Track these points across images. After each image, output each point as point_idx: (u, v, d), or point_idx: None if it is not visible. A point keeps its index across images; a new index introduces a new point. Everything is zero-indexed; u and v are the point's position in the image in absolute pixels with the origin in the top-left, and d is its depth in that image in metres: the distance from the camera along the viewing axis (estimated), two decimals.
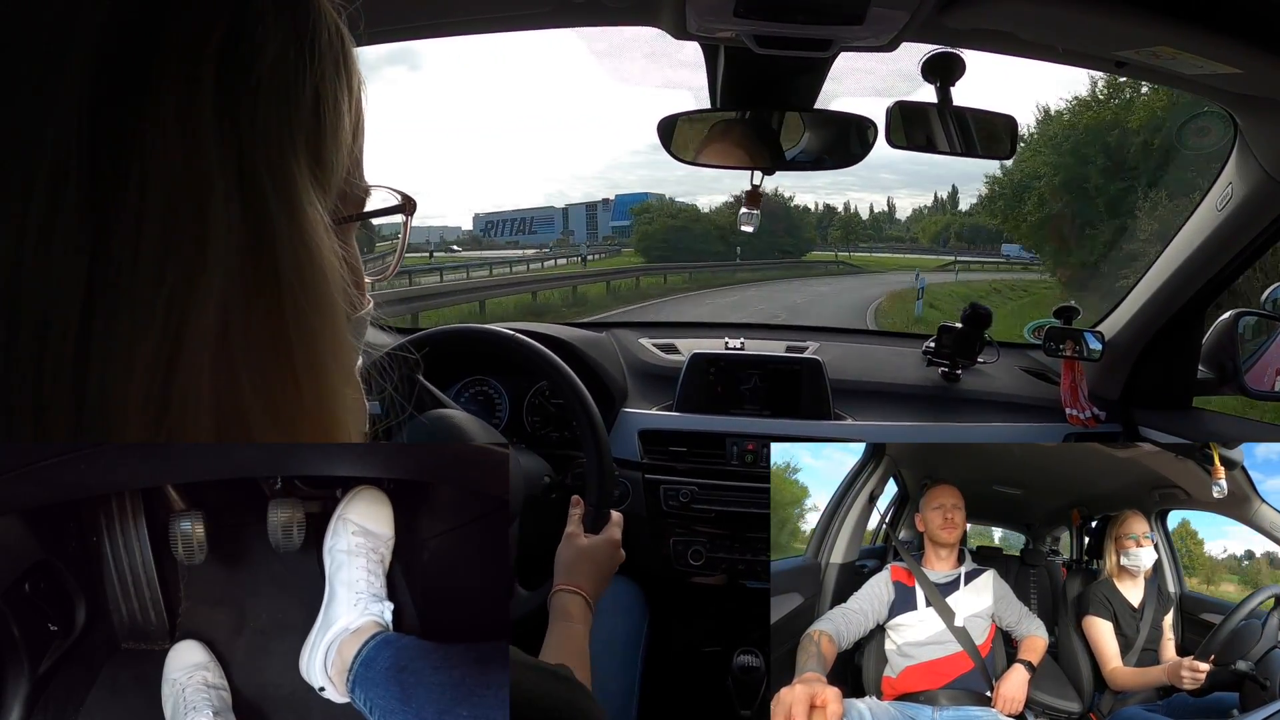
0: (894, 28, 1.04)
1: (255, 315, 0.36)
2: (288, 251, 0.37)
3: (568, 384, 1.31)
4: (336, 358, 0.41)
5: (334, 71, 0.42)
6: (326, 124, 0.41)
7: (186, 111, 0.34)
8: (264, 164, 0.37)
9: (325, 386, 0.40)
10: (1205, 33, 0.99)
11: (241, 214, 0.36)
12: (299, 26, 0.39)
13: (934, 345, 1.95)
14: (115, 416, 0.33)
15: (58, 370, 0.33)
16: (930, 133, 1.31)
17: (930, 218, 65.07)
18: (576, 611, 1.05)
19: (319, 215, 0.40)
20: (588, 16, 1.21)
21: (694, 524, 1.73)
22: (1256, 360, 1.62)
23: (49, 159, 0.33)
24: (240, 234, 0.35)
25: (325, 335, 0.40)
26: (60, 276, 0.32)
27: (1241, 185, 1.40)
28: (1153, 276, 1.67)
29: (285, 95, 0.38)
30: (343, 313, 0.42)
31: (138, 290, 0.33)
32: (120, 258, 0.33)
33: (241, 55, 0.36)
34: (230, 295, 0.35)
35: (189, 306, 0.34)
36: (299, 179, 0.39)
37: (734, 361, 1.84)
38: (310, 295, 0.38)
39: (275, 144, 0.38)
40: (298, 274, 0.38)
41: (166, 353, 0.34)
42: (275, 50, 0.38)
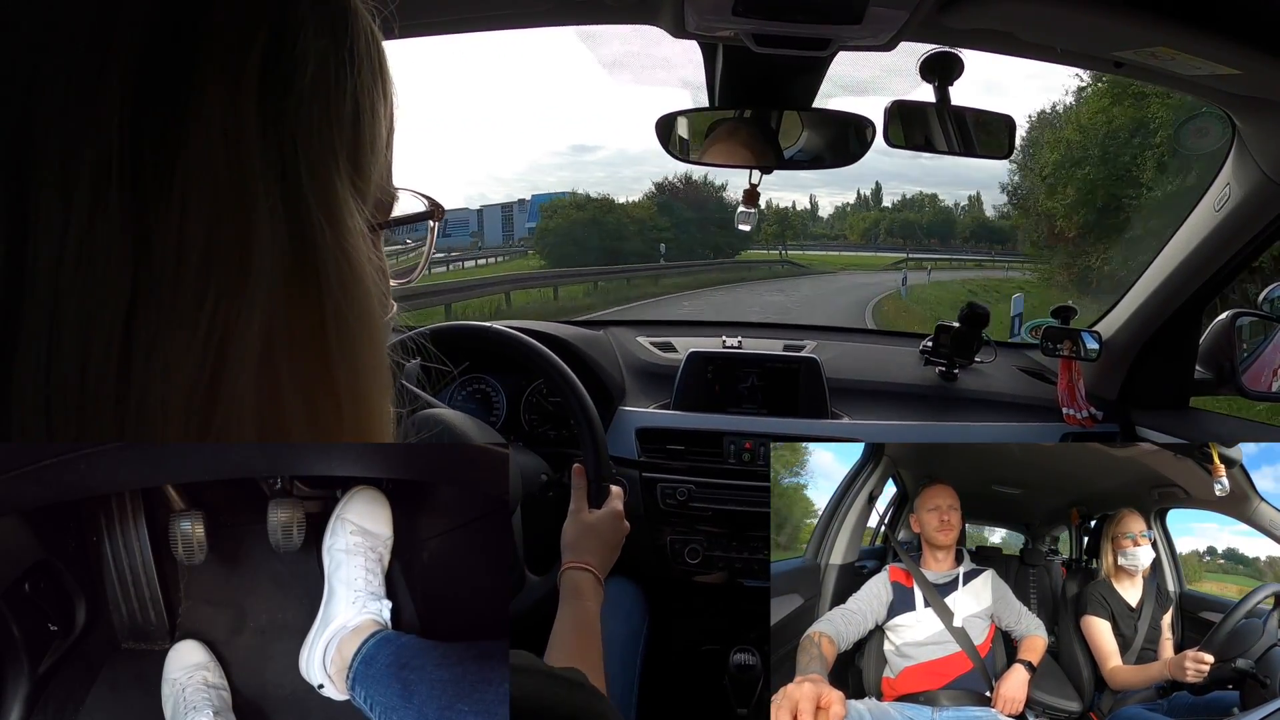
0: (893, 27, 1.04)
1: (298, 326, 0.36)
2: (330, 263, 0.37)
3: (560, 374, 1.31)
4: (375, 367, 0.41)
5: (372, 78, 0.41)
6: (365, 132, 0.41)
7: (230, 120, 0.34)
8: (306, 174, 0.36)
9: (365, 396, 0.40)
10: (1203, 34, 0.99)
11: (285, 225, 0.35)
12: (339, 34, 0.39)
13: (931, 344, 1.95)
14: (158, 427, 0.33)
15: (100, 381, 0.32)
16: (928, 132, 1.31)
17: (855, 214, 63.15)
18: (587, 588, 1.05)
19: (358, 225, 0.39)
20: (587, 14, 1.21)
21: (691, 522, 1.73)
22: (1254, 361, 1.62)
23: (90, 167, 0.32)
24: (283, 245, 0.35)
25: (365, 345, 0.39)
26: (102, 286, 0.32)
27: (1239, 186, 1.41)
28: (1150, 277, 1.68)
29: (327, 104, 0.38)
30: (382, 323, 0.42)
31: (181, 301, 0.33)
32: (163, 267, 0.33)
33: (284, 64, 0.36)
34: (274, 307, 0.35)
35: (232, 318, 0.34)
36: (340, 189, 0.38)
37: (732, 360, 1.84)
38: (352, 306, 0.38)
39: (317, 154, 0.37)
40: (340, 285, 0.37)
41: (210, 364, 0.33)
42: (317, 59, 0.37)
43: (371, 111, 0.41)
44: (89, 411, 0.33)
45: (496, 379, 1.82)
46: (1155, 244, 1.67)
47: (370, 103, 0.41)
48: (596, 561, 1.10)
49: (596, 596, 1.06)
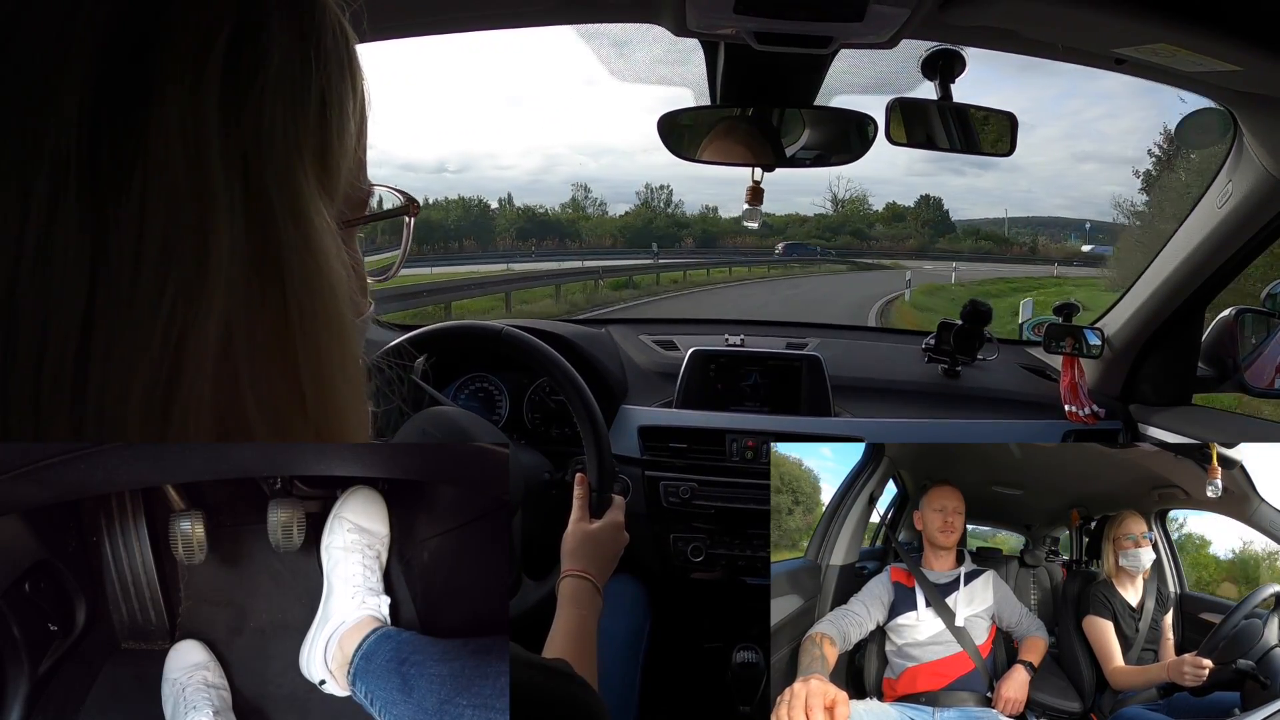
0: (894, 25, 1.03)
1: (260, 326, 0.36)
2: (294, 262, 0.37)
3: (564, 374, 1.31)
4: (344, 369, 0.40)
5: (339, 74, 0.41)
6: (333, 128, 0.40)
7: (190, 118, 0.34)
8: (270, 172, 0.36)
9: (331, 398, 0.39)
10: (1205, 30, 0.99)
11: (246, 224, 0.35)
12: (304, 28, 0.39)
13: (934, 342, 1.95)
14: (115, 427, 0.33)
15: (57, 380, 0.32)
16: (930, 130, 1.31)
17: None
18: (584, 596, 1.05)
19: (326, 223, 0.39)
20: (589, 12, 1.21)
21: (694, 520, 1.74)
22: (1256, 357, 1.62)
23: (48, 165, 0.32)
24: (244, 244, 0.35)
25: (333, 346, 0.39)
26: (60, 286, 0.32)
27: (1241, 183, 1.40)
28: (1153, 274, 1.67)
29: (291, 100, 0.37)
30: (351, 322, 0.41)
31: (138, 300, 0.33)
32: (121, 266, 0.32)
33: (247, 59, 0.36)
34: (234, 306, 0.34)
35: (190, 317, 0.33)
36: (305, 186, 0.38)
37: (734, 358, 1.84)
38: (318, 306, 0.38)
39: (281, 151, 0.37)
40: (304, 283, 0.37)
41: (168, 363, 0.33)
42: (281, 54, 0.37)
43: (339, 108, 0.41)
44: (45, 411, 0.32)
45: (499, 377, 1.82)
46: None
47: (338, 99, 0.40)
48: (596, 570, 1.09)
49: (594, 605, 1.05)
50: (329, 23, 0.40)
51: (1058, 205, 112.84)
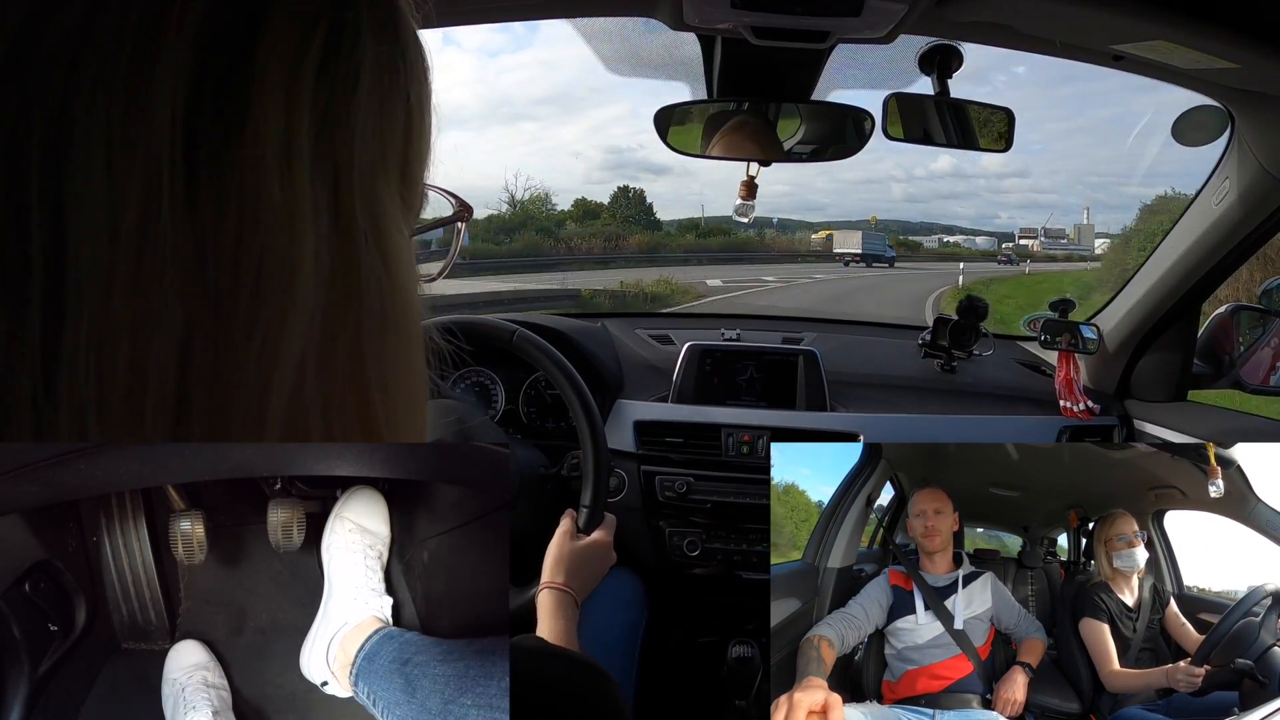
0: (892, 19, 1.03)
1: (335, 347, 0.33)
2: (372, 283, 0.34)
3: (574, 386, 1.29)
4: (410, 386, 0.38)
5: (421, 83, 0.38)
6: (415, 140, 0.38)
7: (284, 129, 0.31)
8: (357, 185, 0.33)
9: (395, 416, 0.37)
10: (1203, 27, 0.99)
11: (331, 242, 0.32)
12: (394, 35, 0.36)
13: (930, 337, 1.95)
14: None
15: (159, 403, 0.29)
16: (927, 125, 1.31)
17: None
18: (562, 609, 1.04)
19: (404, 239, 0.37)
20: (586, 6, 1.21)
21: (690, 515, 1.73)
22: (1252, 354, 1.63)
23: (141, 169, 0.29)
24: (328, 262, 0.32)
25: (401, 364, 0.37)
26: (157, 300, 0.29)
27: (1238, 180, 1.41)
28: (1149, 270, 1.68)
29: (380, 112, 0.35)
30: (421, 342, 0.39)
31: (235, 320, 0.30)
32: (219, 282, 0.30)
33: (341, 69, 0.33)
34: (311, 329, 0.32)
35: (279, 339, 0.31)
36: (389, 204, 0.36)
37: (730, 352, 1.84)
38: (392, 328, 0.36)
39: (368, 166, 0.34)
40: (380, 307, 0.35)
41: (259, 387, 0.31)
42: (373, 64, 0.34)
43: (421, 117, 0.38)
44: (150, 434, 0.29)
45: (495, 371, 1.82)
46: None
47: (420, 108, 0.38)
48: (577, 585, 1.08)
49: (571, 619, 1.03)
50: (413, 30, 0.38)
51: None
